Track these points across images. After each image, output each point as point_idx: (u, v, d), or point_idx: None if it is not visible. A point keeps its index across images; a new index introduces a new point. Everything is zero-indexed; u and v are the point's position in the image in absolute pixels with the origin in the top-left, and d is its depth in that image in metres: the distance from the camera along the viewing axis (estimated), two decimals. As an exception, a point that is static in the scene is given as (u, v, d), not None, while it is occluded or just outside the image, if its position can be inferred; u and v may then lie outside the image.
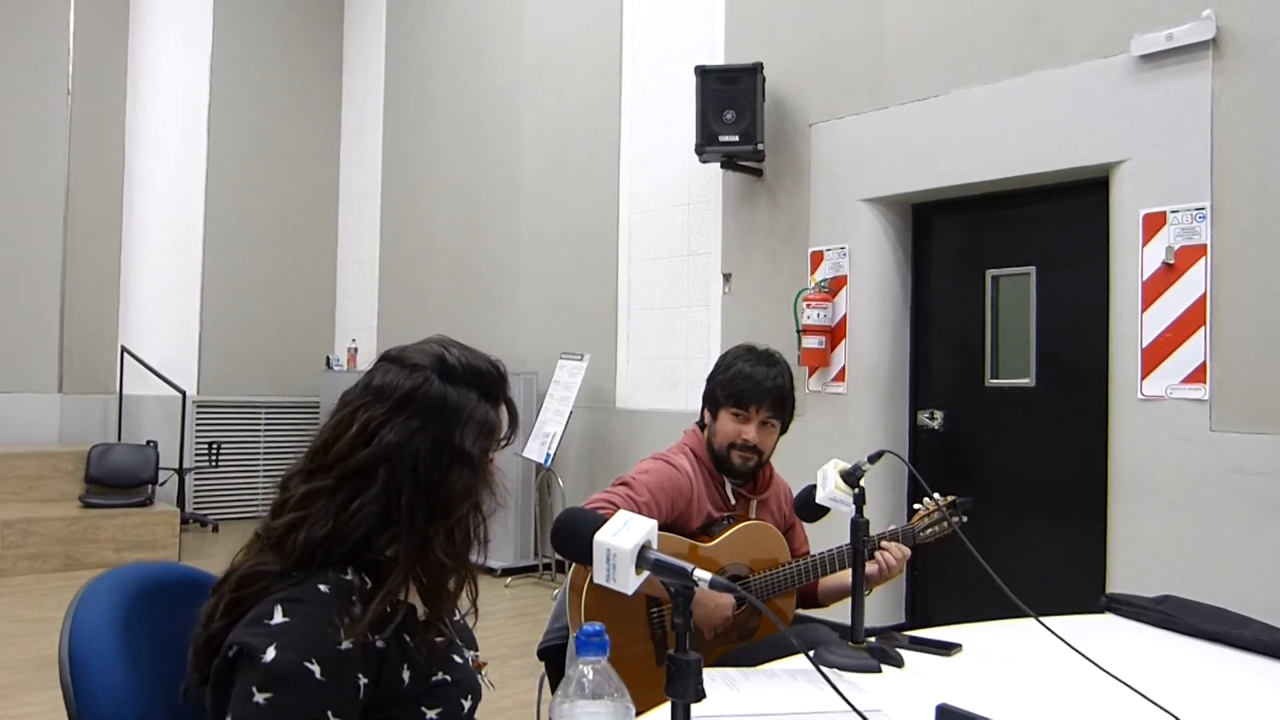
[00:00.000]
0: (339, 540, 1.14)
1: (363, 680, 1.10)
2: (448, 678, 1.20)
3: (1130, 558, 3.69)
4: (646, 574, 1.08)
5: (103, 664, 1.20)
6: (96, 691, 1.18)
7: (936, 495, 2.16)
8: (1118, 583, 3.68)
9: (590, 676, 1.01)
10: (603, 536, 1.09)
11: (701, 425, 2.34)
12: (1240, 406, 3.47)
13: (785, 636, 2.07)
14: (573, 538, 1.20)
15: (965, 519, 2.16)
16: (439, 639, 1.22)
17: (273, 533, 1.16)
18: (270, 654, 1.04)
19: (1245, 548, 3.40)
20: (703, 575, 1.05)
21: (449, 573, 1.19)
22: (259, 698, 1.03)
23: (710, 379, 2.32)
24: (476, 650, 1.34)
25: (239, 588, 1.13)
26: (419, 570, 1.18)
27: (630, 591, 1.09)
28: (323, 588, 1.10)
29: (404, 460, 1.16)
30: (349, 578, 1.13)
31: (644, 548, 1.08)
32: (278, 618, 1.07)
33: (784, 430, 2.31)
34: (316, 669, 1.05)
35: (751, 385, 2.22)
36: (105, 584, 1.29)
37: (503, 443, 1.27)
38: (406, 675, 1.15)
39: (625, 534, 1.09)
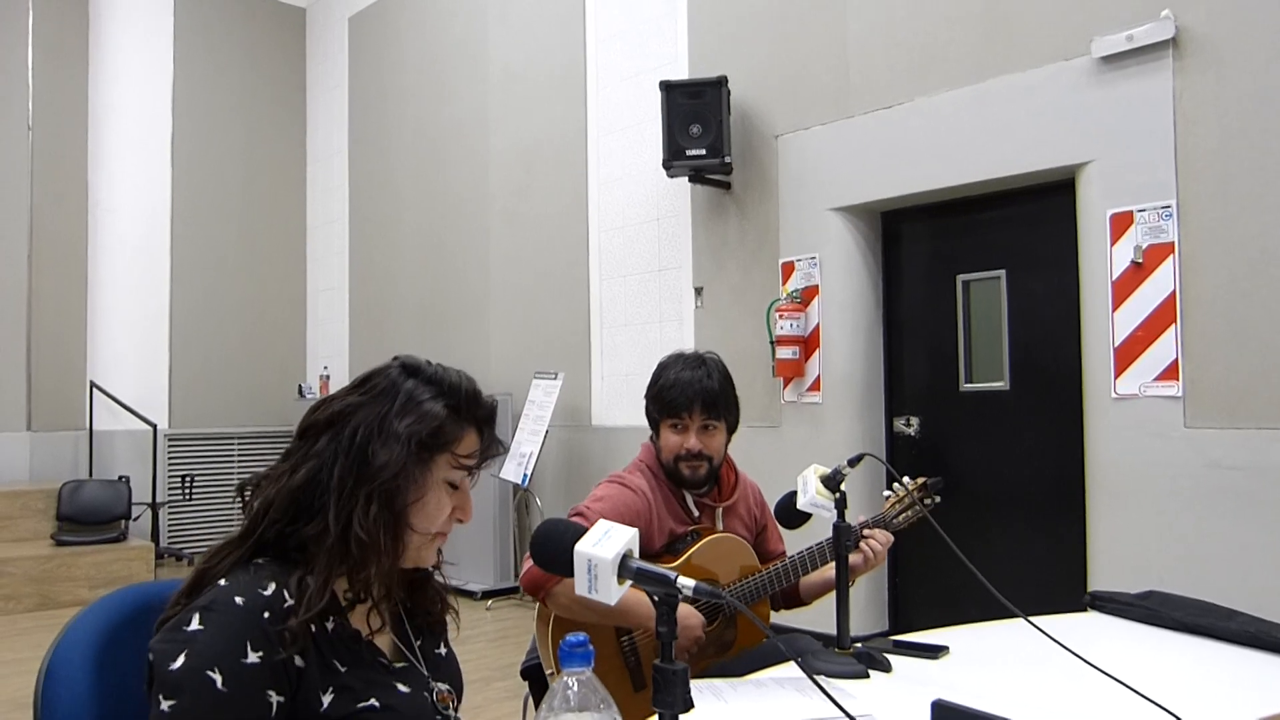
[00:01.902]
0: (279, 500, 1.16)
1: (275, 698, 1.08)
2: (377, 704, 1.16)
3: (1110, 556, 3.68)
4: (629, 583, 1.07)
5: (72, 699, 1.18)
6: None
7: (906, 479, 2.13)
8: (1098, 582, 3.67)
9: (575, 688, 0.98)
10: (583, 547, 1.08)
11: (653, 440, 2.27)
12: (1213, 402, 3.47)
13: (768, 646, 2.09)
14: (552, 549, 1.17)
15: (939, 499, 2.12)
16: (397, 663, 1.23)
17: (246, 496, 1.21)
18: (178, 661, 1.05)
19: (1224, 542, 3.39)
20: (686, 583, 1.04)
21: (368, 550, 1.16)
22: (164, 705, 1.04)
23: (646, 394, 2.26)
24: (450, 686, 1.30)
25: (205, 561, 1.16)
26: (343, 544, 1.16)
27: (613, 602, 1.07)
28: (239, 600, 1.10)
29: (345, 427, 1.19)
30: (268, 593, 1.11)
31: (625, 557, 1.07)
32: (194, 625, 1.08)
33: (732, 430, 2.24)
34: (218, 679, 1.05)
35: (679, 392, 2.15)
36: (91, 614, 1.27)
37: (469, 462, 1.25)
38: (327, 699, 1.13)
39: (606, 543, 1.07)
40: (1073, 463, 3.90)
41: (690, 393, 2.14)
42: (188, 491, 7.47)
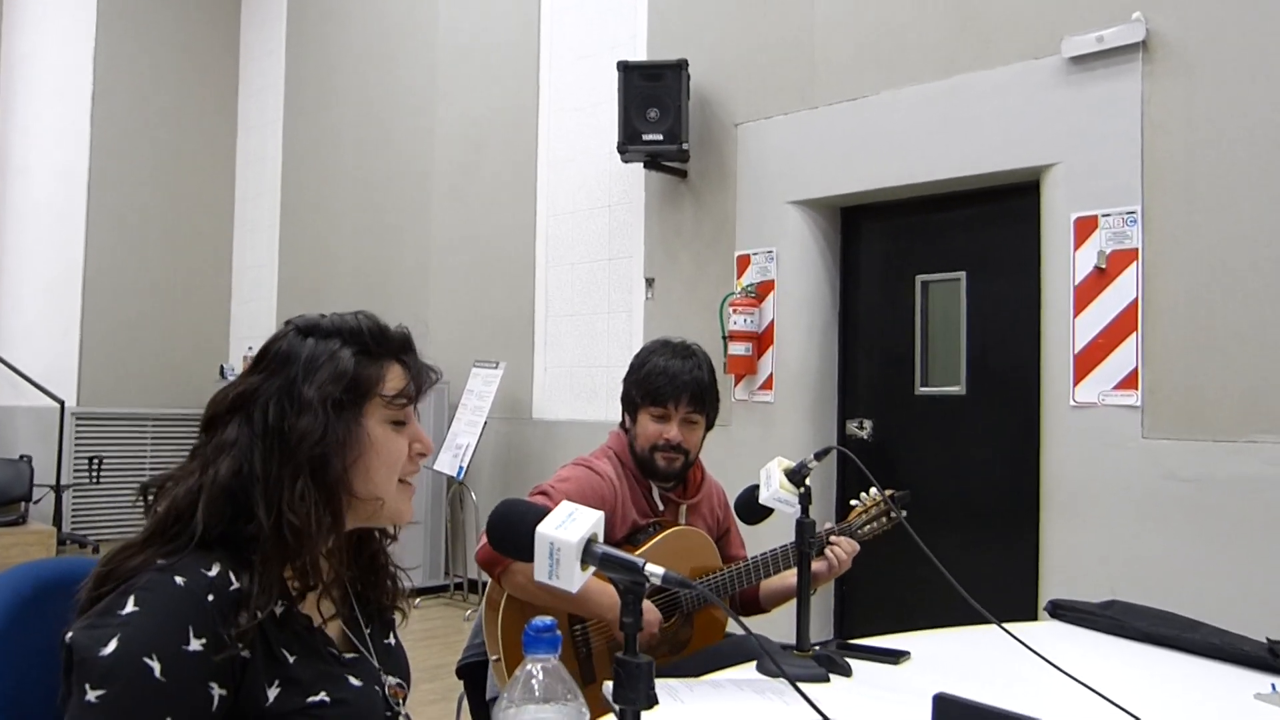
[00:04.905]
0: (206, 502, 1.06)
1: (217, 691, 1.00)
2: (327, 699, 1.08)
3: (1063, 567, 3.65)
4: (592, 569, 1.02)
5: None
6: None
7: (874, 489, 2.08)
8: (1051, 592, 3.62)
9: (540, 677, 0.92)
10: (545, 529, 1.02)
11: (625, 428, 2.22)
12: (1172, 413, 3.46)
13: (724, 647, 2.06)
14: (512, 530, 1.11)
15: (905, 513, 2.07)
16: (347, 654, 1.16)
17: (150, 499, 1.11)
18: (110, 646, 0.95)
19: (1178, 555, 3.37)
20: (655, 570, 0.99)
21: (302, 534, 1.08)
22: (91, 695, 0.94)
23: (626, 379, 2.20)
24: (400, 680, 1.24)
25: (106, 563, 1.05)
26: (278, 536, 1.07)
27: (574, 589, 1.02)
28: (179, 580, 1.01)
29: (253, 410, 1.11)
30: (212, 574, 1.02)
31: (590, 541, 1.02)
32: (129, 607, 0.98)
33: (709, 426, 2.20)
34: (156, 666, 0.96)
35: (668, 380, 2.10)
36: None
37: (402, 399, 1.17)
38: (273, 693, 1.05)
39: (570, 526, 1.02)
40: (1028, 471, 3.85)
41: (679, 383, 2.09)
42: (95, 474, 7.07)
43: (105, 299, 7.41)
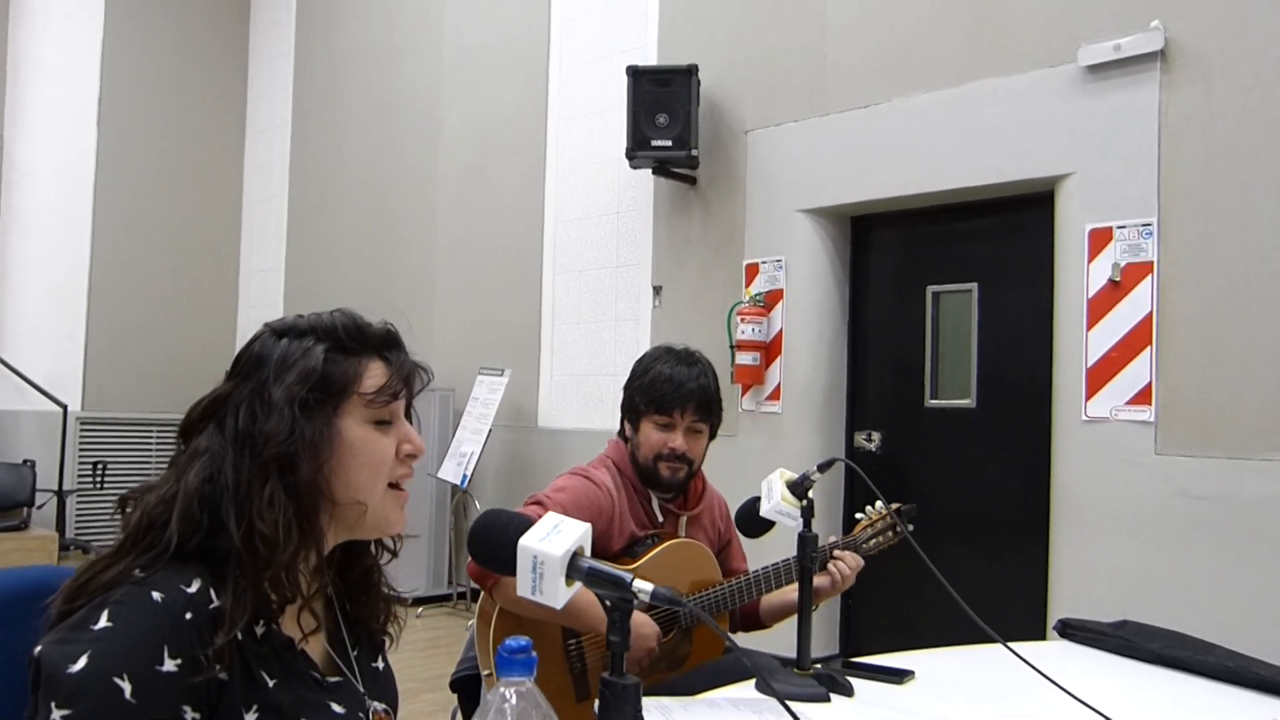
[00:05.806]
0: (179, 510, 1.02)
1: (190, 715, 0.96)
2: None
3: (1073, 584, 3.59)
4: (578, 585, 0.98)
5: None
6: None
7: (879, 503, 2.04)
8: (1060, 610, 3.56)
9: (513, 701, 0.88)
10: (529, 541, 0.98)
11: (624, 437, 2.17)
12: (1186, 429, 3.40)
13: (723, 664, 1.99)
14: (493, 543, 1.06)
15: (911, 528, 2.02)
16: (330, 677, 1.12)
17: (127, 510, 1.06)
18: (80, 664, 0.91)
19: (1192, 575, 3.31)
20: (643, 586, 0.96)
21: (271, 543, 1.02)
22: (56, 715, 0.90)
23: (628, 386, 2.16)
24: (387, 705, 1.19)
25: (79, 575, 1.01)
26: (249, 547, 1.02)
27: (559, 605, 0.98)
28: (156, 595, 0.96)
29: (224, 417, 1.07)
30: (191, 590, 0.98)
31: (575, 555, 0.98)
32: (102, 623, 0.94)
33: (713, 435, 2.16)
34: (127, 688, 0.91)
35: (674, 388, 2.05)
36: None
37: (383, 396, 1.12)
38: (250, 718, 1.01)
39: (555, 539, 0.98)
40: (1038, 486, 3.79)
41: (685, 391, 2.06)
42: (99, 480, 7.04)
43: (110, 303, 7.38)
